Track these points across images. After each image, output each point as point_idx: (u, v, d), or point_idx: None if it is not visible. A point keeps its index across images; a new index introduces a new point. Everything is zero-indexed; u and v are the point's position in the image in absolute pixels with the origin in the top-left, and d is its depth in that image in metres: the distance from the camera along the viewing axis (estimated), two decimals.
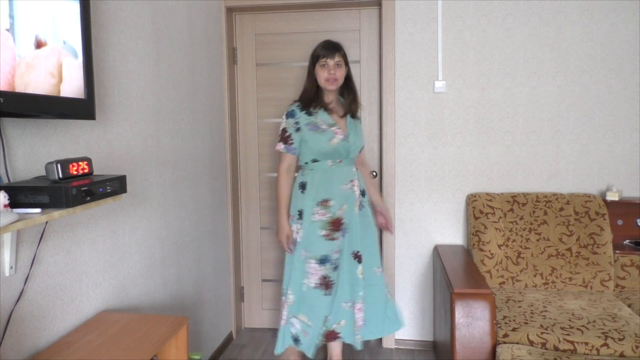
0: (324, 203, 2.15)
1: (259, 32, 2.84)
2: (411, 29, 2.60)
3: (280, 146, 2.18)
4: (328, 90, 2.18)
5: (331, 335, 2.18)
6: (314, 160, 2.18)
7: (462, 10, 2.54)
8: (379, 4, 2.68)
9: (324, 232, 2.15)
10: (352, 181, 2.19)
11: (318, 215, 2.15)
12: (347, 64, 2.21)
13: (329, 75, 2.13)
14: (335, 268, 2.16)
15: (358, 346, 2.19)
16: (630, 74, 2.46)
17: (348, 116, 2.22)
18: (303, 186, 2.18)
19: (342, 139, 2.15)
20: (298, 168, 2.26)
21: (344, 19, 2.77)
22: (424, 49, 2.59)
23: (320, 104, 2.18)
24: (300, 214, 2.17)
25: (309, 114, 2.16)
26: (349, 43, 2.76)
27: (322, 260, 2.15)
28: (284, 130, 2.18)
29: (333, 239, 2.15)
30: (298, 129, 2.16)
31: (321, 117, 2.17)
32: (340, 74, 2.16)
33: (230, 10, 2.77)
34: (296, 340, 2.19)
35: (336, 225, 2.16)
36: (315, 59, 2.17)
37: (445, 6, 2.55)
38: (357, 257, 2.18)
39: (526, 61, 2.53)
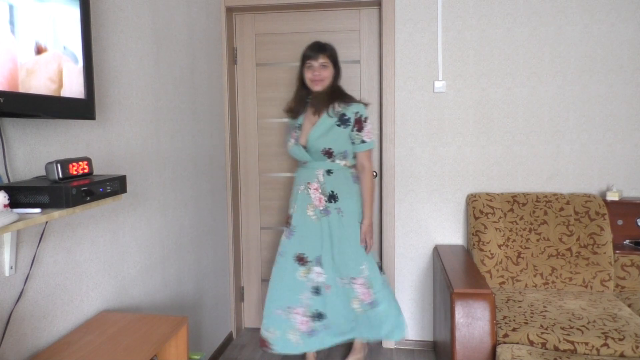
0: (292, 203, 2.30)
1: (259, 32, 2.84)
2: (411, 29, 2.59)
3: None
4: (315, 91, 2.21)
5: (262, 343, 2.24)
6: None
7: (462, 10, 2.54)
8: (379, 4, 2.68)
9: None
10: (308, 183, 2.21)
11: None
12: (335, 64, 2.23)
13: (313, 76, 2.19)
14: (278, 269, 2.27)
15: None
16: (630, 74, 2.46)
17: (324, 115, 2.18)
18: None
19: (294, 143, 2.23)
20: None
21: (343, 19, 2.77)
22: (424, 49, 2.59)
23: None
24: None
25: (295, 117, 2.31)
26: (349, 43, 2.76)
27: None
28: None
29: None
30: None
31: (300, 120, 2.28)
32: (326, 75, 2.20)
33: (230, 10, 2.77)
34: None
35: (287, 226, 2.30)
36: (302, 60, 2.23)
37: (445, 6, 2.55)
38: (301, 260, 2.21)
39: (526, 61, 2.53)
